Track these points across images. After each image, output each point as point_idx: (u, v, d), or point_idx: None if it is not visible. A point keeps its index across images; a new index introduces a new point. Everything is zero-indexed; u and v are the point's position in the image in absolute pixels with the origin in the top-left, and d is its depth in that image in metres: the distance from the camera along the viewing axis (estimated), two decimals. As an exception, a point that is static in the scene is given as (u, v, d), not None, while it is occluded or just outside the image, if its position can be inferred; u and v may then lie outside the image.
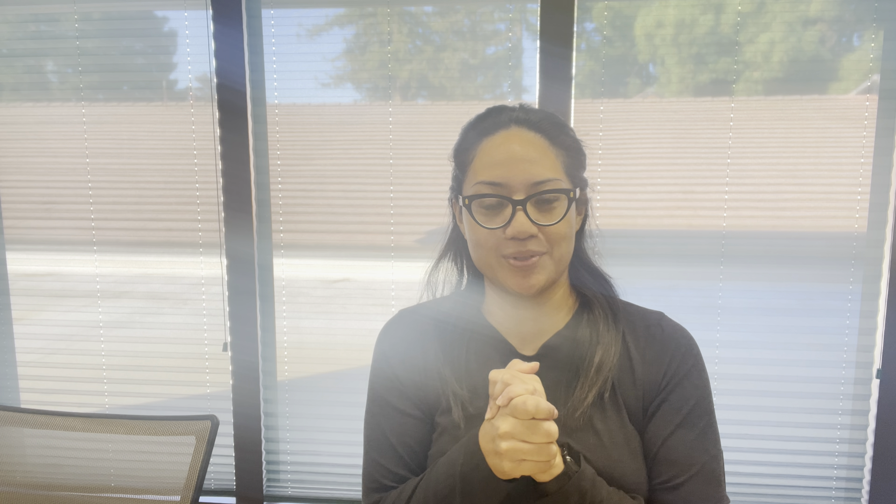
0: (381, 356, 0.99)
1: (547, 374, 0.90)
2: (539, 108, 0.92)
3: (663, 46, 1.86)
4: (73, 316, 2.15)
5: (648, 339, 0.93)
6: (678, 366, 0.91)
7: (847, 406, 1.90)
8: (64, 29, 2.00)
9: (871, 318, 1.86)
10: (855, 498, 1.94)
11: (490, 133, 0.89)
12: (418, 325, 0.99)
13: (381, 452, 0.95)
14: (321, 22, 1.95)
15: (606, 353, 0.91)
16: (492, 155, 0.87)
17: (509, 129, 0.88)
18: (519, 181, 0.85)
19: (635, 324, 0.95)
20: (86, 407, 2.15)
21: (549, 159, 0.87)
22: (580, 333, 0.93)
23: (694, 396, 0.90)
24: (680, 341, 0.93)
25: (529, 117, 0.89)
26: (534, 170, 0.85)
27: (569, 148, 0.90)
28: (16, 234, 2.13)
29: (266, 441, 2.11)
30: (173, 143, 2.02)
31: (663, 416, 0.90)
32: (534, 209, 0.85)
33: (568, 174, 0.88)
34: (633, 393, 0.91)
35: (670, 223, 1.90)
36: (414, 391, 0.95)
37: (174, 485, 1.36)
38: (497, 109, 0.92)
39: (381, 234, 1.98)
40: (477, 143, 0.89)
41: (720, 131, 1.85)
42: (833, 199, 1.85)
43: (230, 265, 2.02)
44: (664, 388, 0.91)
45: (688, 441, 0.89)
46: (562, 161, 0.88)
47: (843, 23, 1.79)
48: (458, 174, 0.93)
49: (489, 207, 0.87)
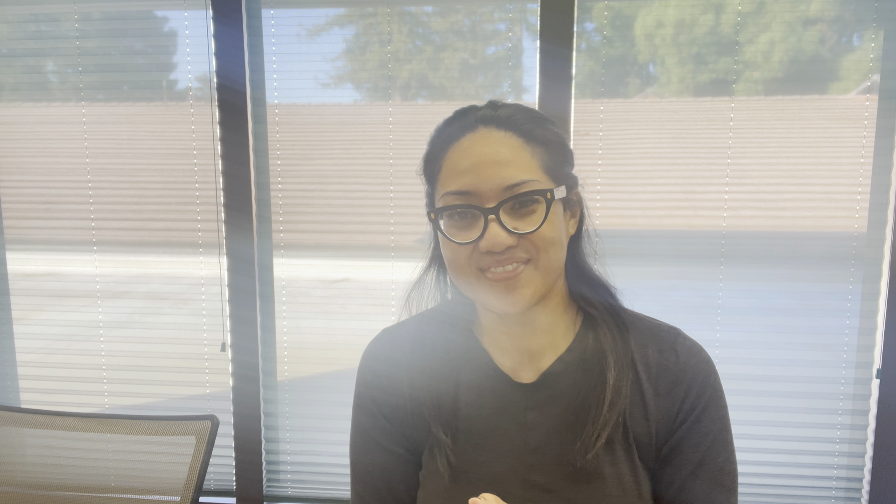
0: (362, 385, 0.90)
1: (549, 406, 0.82)
2: (511, 103, 0.82)
3: (663, 46, 1.86)
4: (73, 316, 2.15)
5: (661, 368, 0.82)
6: (695, 399, 0.81)
7: (847, 406, 1.90)
8: (64, 29, 2.00)
9: (871, 318, 1.86)
10: (855, 498, 1.94)
11: (456, 138, 0.79)
12: (402, 350, 0.89)
13: (366, 487, 0.88)
14: (321, 22, 1.95)
15: (619, 384, 0.79)
16: (458, 162, 0.77)
17: (476, 130, 0.78)
18: (489, 187, 0.75)
19: (647, 347, 0.84)
20: (86, 407, 2.14)
21: (523, 158, 0.76)
22: (587, 357, 0.82)
23: (712, 431, 0.81)
24: (697, 367, 0.83)
25: (498, 114, 0.79)
26: (505, 172, 0.75)
27: (548, 143, 0.79)
28: (16, 234, 2.13)
29: (266, 441, 2.11)
30: (173, 143, 2.02)
31: (680, 458, 0.81)
32: (509, 216, 0.75)
33: (548, 173, 0.78)
34: (645, 429, 0.81)
35: (670, 223, 1.90)
36: (399, 426, 0.86)
37: (174, 485, 1.36)
38: (463, 111, 0.82)
39: (381, 234, 1.98)
40: (443, 152, 0.79)
41: (720, 131, 1.85)
42: (833, 199, 1.85)
43: (230, 265, 2.02)
44: (681, 425, 0.81)
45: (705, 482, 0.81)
46: (539, 159, 0.77)
47: (843, 23, 1.79)
48: (429, 188, 0.83)
49: (461, 218, 0.77)
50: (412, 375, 0.87)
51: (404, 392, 0.87)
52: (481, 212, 0.75)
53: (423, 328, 0.90)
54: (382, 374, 0.89)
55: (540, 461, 0.82)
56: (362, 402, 0.90)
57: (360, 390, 0.91)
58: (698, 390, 0.82)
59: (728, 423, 0.84)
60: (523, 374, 0.84)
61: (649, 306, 0.96)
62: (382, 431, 0.87)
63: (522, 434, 0.82)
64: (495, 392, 0.84)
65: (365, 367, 0.91)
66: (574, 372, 0.82)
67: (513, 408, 0.83)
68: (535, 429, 0.82)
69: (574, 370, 0.82)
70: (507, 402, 0.83)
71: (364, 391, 0.90)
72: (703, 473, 0.80)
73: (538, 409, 0.83)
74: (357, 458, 0.90)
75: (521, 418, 0.83)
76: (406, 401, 0.86)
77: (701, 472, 0.80)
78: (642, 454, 0.81)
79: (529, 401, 0.83)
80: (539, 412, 0.83)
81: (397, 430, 0.87)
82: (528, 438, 0.82)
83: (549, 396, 0.82)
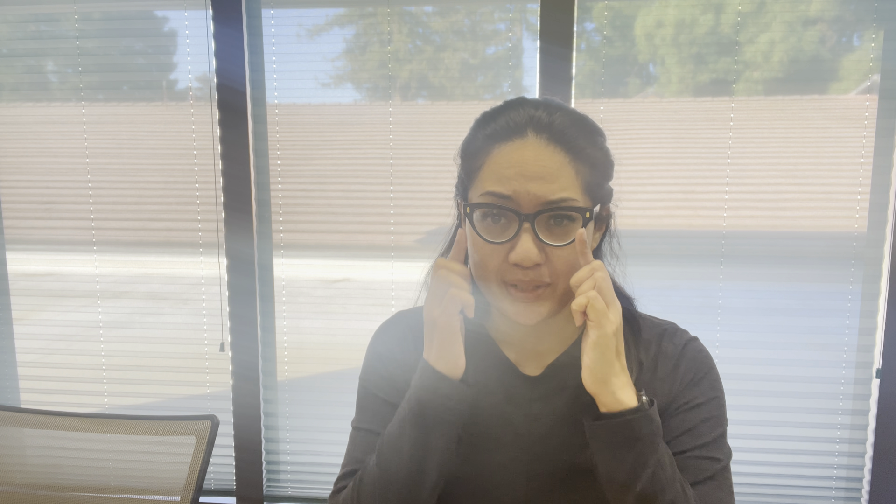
0: (373, 355, 0.92)
1: (553, 398, 0.84)
2: (567, 108, 0.81)
3: (663, 46, 1.86)
4: (73, 316, 2.15)
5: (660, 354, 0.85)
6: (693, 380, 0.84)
7: (847, 406, 1.90)
8: (64, 29, 2.00)
9: (871, 318, 1.86)
10: (855, 498, 1.94)
11: (503, 139, 0.77)
12: (415, 330, 0.90)
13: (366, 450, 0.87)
14: (321, 22, 1.95)
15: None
16: (502, 166, 0.76)
17: (525, 136, 0.76)
18: (529, 198, 0.75)
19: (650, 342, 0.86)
20: (85, 407, 2.14)
21: (568, 177, 0.76)
22: None
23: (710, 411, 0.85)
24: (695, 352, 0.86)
25: (553, 122, 0.77)
26: (547, 187, 0.75)
27: (594, 162, 0.79)
28: (16, 234, 2.13)
29: (266, 441, 2.11)
30: (173, 143, 2.02)
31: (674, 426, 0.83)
32: (543, 229, 0.76)
33: (588, 192, 0.78)
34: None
35: (670, 223, 1.90)
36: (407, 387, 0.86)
37: (174, 485, 1.36)
38: (514, 105, 0.80)
39: (381, 234, 1.98)
40: (487, 150, 0.78)
41: (720, 131, 1.85)
42: (833, 199, 1.85)
43: (230, 265, 2.02)
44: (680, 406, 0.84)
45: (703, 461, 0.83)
46: (583, 178, 0.77)
47: (843, 23, 1.79)
48: (464, 177, 0.83)
49: (494, 221, 0.77)
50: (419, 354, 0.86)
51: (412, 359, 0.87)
52: (518, 217, 0.76)
53: None
54: (393, 345, 0.91)
55: (544, 452, 0.84)
56: (370, 367, 0.92)
57: (368, 359, 0.93)
58: (695, 370, 0.85)
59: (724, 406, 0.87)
60: (529, 367, 0.86)
61: (649, 306, 0.97)
62: (390, 389, 0.88)
63: (527, 424, 0.85)
64: (502, 382, 0.86)
65: (376, 339, 0.94)
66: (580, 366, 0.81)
67: (519, 398, 0.85)
68: (539, 419, 0.84)
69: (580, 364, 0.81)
70: (514, 393, 0.86)
71: (373, 358, 0.92)
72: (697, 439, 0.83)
73: (543, 400, 0.85)
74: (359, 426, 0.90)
75: (526, 409, 0.85)
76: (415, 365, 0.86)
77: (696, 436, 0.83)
78: None
79: (534, 392, 0.85)
80: (544, 403, 0.85)
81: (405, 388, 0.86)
82: (533, 429, 0.84)
83: (554, 388, 0.85)
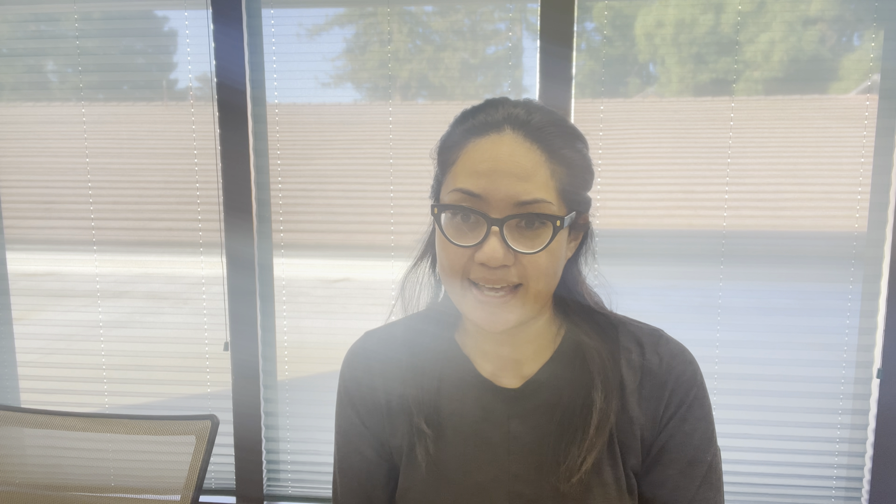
0: (343, 391, 0.90)
1: (532, 417, 0.81)
2: (548, 109, 0.77)
3: (663, 46, 1.86)
4: (73, 316, 2.15)
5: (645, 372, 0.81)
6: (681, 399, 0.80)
7: (847, 406, 1.90)
8: (64, 29, 2.00)
9: (871, 317, 1.86)
10: (855, 498, 1.94)
11: (479, 133, 0.74)
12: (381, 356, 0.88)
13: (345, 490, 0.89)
14: (321, 22, 1.95)
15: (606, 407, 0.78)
16: (475, 161, 0.73)
17: (502, 132, 0.73)
18: (500, 197, 0.71)
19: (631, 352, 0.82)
20: (86, 407, 2.14)
21: (542, 177, 0.72)
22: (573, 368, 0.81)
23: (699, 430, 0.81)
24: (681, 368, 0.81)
25: (531, 119, 0.74)
26: (520, 186, 0.71)
27: (571, 165, 0.74)
28: (16, 234, 2.13)
29: (266, 441, 2.11)
30: (173, 143, 2.02)
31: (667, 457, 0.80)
32: (513, 233, 0.72)
33: (563, 196, 0.74)
34: (630, 434, 0.80)
35: (670, 223, 1.90)
36: (378, 433, 0.87)
37: (174, 484, 1.36)
38: (494, 103, 0.77)
39: (381, 234, 1.98)
40: (463, 143, 0.75)
41: (720, 131, 1.85)
42: (833, 198, 1.85)
43: (230, 265, 2.02)
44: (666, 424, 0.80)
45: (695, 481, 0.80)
46: (558, 180, 0.73)
47: (843, 23, 1.79)
48: (439, 174, 0.79)
49: (464, 221, 0.73)
50: (388, 384, 0.86)
51: (381, 400, 0.87)
52: (486, 220, 0.71)
53: (404, 334, 0.89)
54: (362, 381, 0.88)
55: (524, 472, 0.81)
56: (343, 409, 0.90)
57: (340, 396, 0.91)
58: (683, 390, 0.80)
59: (712, 422, 0.83)
60: (506, 380, 0.83)
61: (649, 306, 0.96)
62: (361, 437, 0.88)
63: (506, 443, 0.82)
64: (478, 400, 0.83)
65: (345, 372, 0.91)
66: (558, 382, 0.81)
67: (496, 416, 0.82)
68: (518, 438, 0.82)
69: (558, 381, 0.81)
70: (490, 411, 0.82)
71: (344, 398, 0.90)
72: (692, 472, 0.80)
73: (521, 418, 0.82)
74: (339, 459, 0.90)
75: (504, 427, 0.82)
76: (383, 408, 0.86)
77: (689, 470, 0.80)
78: (628, 460, 0.81)
79: (512, 409, 0.82)
80: (522, 421, 0.82)
81: (376, 436, 0.87)
82: (512, 447, 0.82)
83: (532, 406, 0.81)
